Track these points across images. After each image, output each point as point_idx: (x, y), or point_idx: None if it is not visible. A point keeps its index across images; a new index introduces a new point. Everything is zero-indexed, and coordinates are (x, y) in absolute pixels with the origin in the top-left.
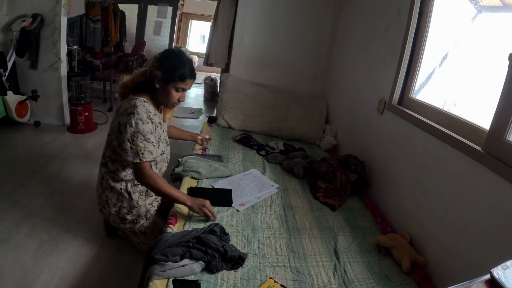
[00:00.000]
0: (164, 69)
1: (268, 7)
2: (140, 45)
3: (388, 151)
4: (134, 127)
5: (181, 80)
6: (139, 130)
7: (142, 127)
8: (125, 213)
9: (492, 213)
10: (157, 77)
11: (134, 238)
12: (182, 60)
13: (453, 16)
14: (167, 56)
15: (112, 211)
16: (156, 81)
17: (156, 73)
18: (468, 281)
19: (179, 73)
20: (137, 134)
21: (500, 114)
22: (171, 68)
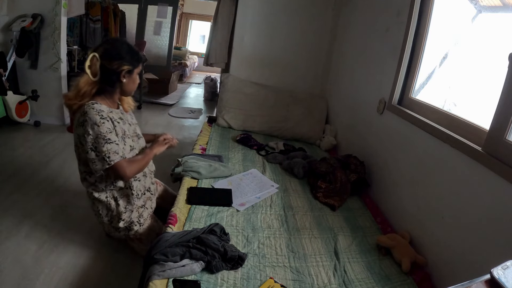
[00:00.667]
0: (128, 60)
1: (268, 7)
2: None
3: (388, 151)
4: (91, 134)
5: (139, 63)
6: (97, 135)
7: (98, 130)
8: (116, 221)
9: (492, 213)
10: (124, 70)
11: (131, 242)
12: (131, 46)
13: (453, 16)
14: (119, 47)
15: (105, 221)
16: (122, 75)
17: (124, 68)
18: (468, 281)
19: (138, 59)
20: (97, 139)
21: (500, 114)
22: (133, 55)
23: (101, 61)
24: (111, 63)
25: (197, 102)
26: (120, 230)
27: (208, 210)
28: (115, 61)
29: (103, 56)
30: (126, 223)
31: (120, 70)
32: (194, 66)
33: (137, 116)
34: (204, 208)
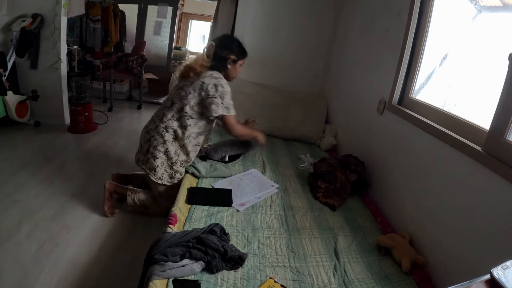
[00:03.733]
0: (235, 52)
1: (268, 7)
2: (140, 45)
3: (388, 151)
4: (224, 87)
5: (244, 57)
6: (228, 91)
7: (227, 88)
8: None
9: (492, 213)
10: (230, 59)
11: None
12: (241, 43)
13: (453, 16)
14: (232, 40)
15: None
16: (229, 63)
17: (231, 56)
18: (468, 281)
19: (243, 53)
20: (226, 93)
21: (500, 114)
22: (240, 49)
23: (215, 49)
24: (225, 51)
25: None
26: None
27: (208, 210)
28: (228, 50)
29: (223, 44)
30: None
31: (227, 58)
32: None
33: (137, 116)
34: (204, 208)
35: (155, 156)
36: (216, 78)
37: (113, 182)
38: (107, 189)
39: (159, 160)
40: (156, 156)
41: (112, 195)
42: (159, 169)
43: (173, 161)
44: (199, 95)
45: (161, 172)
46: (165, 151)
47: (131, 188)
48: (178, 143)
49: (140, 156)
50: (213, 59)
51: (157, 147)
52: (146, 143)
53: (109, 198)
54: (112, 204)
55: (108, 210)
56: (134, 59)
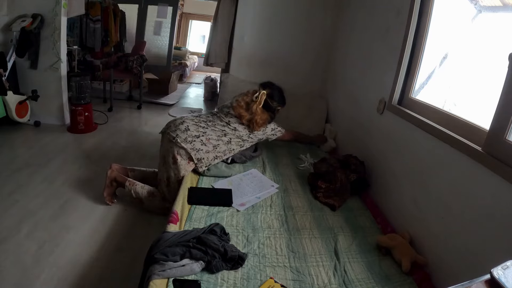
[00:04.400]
0: (284, 103)
1: (268, 7)
2: (140, 45)
3: (388, 151)
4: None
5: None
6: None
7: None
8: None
9: (492, 213)
10: (278, 111)
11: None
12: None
13: (453, 16)
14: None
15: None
16: (277, 112)
17: (279, 107)
18: (468, 281)
19: (284, 102)
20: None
21: (500, 114)
22: (283, 102)
23: (268, 97)
24: (276, 102)
25: (197, 102)
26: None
27: (208, 210)
28: (279, 102)
29: (270, 95)
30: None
31: (278, 109)
32: (194, 66)
33: (137, 116)
34: (204, 208)
35: (203, 143)
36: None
37: (115, 171)
38: (108, 177)
39: (204, 147)
40: (204, 144)
41: (112, 183)
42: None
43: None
44: (261, 138)
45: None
46: (214, 146)
47: (131, 179)
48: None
49: (181, 134)
50: (267, 109)
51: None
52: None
53: (109, 186)
54: (112, 192)
55: (107, 197)
56: (134, 59)
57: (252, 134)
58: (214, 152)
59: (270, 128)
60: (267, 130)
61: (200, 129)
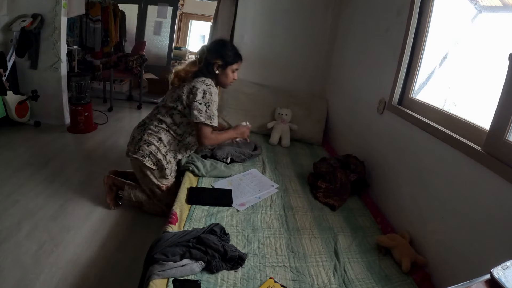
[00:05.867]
0: (224, 56)
1: (268, 7)
2: (140, 45)
3: (388, 151)
4: (212, 96)
5: (236, 62)
6: (215, 100)
7: (216, 99)
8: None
9: (492, 213)
10: (216, 64)
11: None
12: (232, 46)
13: (453, 16)
14: (220, 45)
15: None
16: (216, 68)
17: (217, 61)
18: (468, 281)
19: (234, 57)
20: (213, 102)
21: (500, 114)
22: (230, 54)
23: (206, 53)
24: (212, 55)
25: None
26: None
27: (208, 210)
28: (214, 55)
29: (211, 48)
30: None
31: (213, 63)
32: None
33: (137, 116)
34: (204, 208)
35: (148, 143)
36: (207, 85)
37: (111, 176)
38: (105, 183)
39: (152, 146)
40: (150, 143)
41: (111, 188)
42: (152, 157)
43: (166, 150)
44: (187, 97)
45: (154, 159)
46: (159, 139)
47: (130, 183)
48: (171, 134)
49: (131, 147)
50: (203, 64)
51: (151, 135)
52: (139, 134)
53: (109, 191)
54: (114, 197)
55: (111, 202)
56: (134, 59)
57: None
58: (165, 147)
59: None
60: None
61: (141, 129)
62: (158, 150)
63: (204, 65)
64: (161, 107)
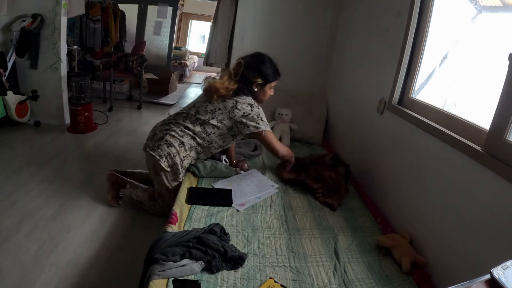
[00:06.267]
0: (264, 74)
1: (268, 7)
2: (140, 45)
3: (388, 151)
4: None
5: (275, 80)
6: (262, 113)
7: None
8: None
9: (492, 213)
10: (256, 83)
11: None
12: (272, 64)
13: (453, 16)
14: (260, 61)
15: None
16: (255, 86)
17: (257, 80)
18: (468, 281)
19: (273, 75)
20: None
21: (500, 114)
22: (268, 72)
23: (244, 67)
24: (249, 72)
25: None
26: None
27: (208, 210)
28: (253, 72)
29: (246, 63)
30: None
31: (253, 81)
32: (194, 66)
33: (137, 116)
34: (204, 208)
35: (169, 144)
36: (251, 102)
37: (114, 173)
38: (108, 180)
39: (173, 149)
40: (171, 144)
41: (114, 185)
42: (170, 159)
43: (185, 154)
44: (231, 112)
45: (170, 162)
46: (181, 143)
47: (132, 181)
48: (196, 141)
49: (150, 143)
50: (240, 80)
51: (174, 137)
52: (161, 132)
53: (111, 189)
54: (115, 194)
55: (112, 200)
56: (134, 59)
57: (211, 105)
58: (185, 151)
59: (243, 99)
60: (229, 104)
61: (165, 127)
62: (177, 153)
63: (243, 82)
64: (192, 115)
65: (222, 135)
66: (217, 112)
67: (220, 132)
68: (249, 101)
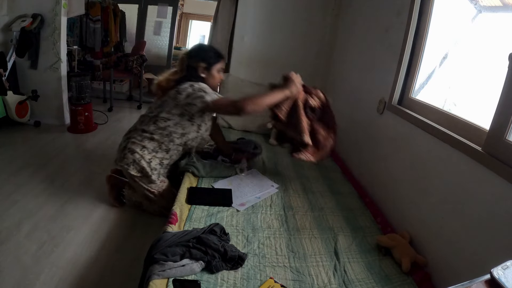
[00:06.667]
0: (206, 58)
1: (268, 7)
2: (140, 45)
3: (388, 151)
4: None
5: (219, 62)
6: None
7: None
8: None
9: (492, 213)
10: (201, 67)
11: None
12: (212, 47)
13: (453, 16)
14: (200, 49)
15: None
16: (201, 71)
17: (200, 64)
18: (468, 281)
19: (216, 57)
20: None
21: (500, 114)
22: (209, 55)
23: (187, 60)
24: (194, 60)
25: None
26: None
27: (208, 210)
28: (196, 59)
29: (192, 54)
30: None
31: (197, 67)
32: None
33: (137, 116)
34: (204, 208)
35: (132, 151)
36: (191, 83)
37: (113, 175)
38: (107, 182)
39: (136, 154)
40: (133, 151)
41: (113, 187)
42: (136, 165)
43: (150, 157)
44: (175, 99)
45: (138, 167)
46: (142, 147)
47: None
48: (155, 140)
49: (117, 155)
50: (186, 71)
51: (134, 143)
52: (124, 141)
53: (111, 190)
54: (116, 195)
55: (114, 201)
56: (134, 59)
57: (159, 100)
58: (149, 154)
59: (177, 89)
60: (172, 93)
61: (127, 137)
62: (141, 157)
63: (187, 71)
64: (145, 116)
65: (178, 123)
66: (164, 104)
67: (174, 121)
68: (190, 83)
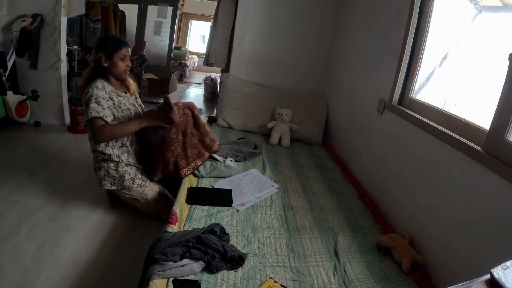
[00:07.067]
0: (104, 49)
1: (268, 7)
2: (140, 45)
3: (388, 151)
4: (90, 92)
5: (120, 49)
6: (93, 95)
7: (95, 92)
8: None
9: (492, 213)
10: (102, 58)
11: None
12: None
13: (453, 16)
14: (100, 40)
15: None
16: (103, 62)
17: (100, 55)
18: (468, 281)
19: (116, 45)
20: (91, 97)
21: (500, 114)
22: (107, 44)
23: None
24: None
25: (197, 102)
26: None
27: (208, 210)
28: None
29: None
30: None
31: (99, 58)
32: (194, 66)
33: None
34: (204, 208)
35: (99, 168)
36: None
37: None
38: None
39: (102, 169)
40: (100, 167)
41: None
42: (108, 178)
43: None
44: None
45: (109, 180)
46: (103, 160)
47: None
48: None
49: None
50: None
51: (96, 159)
52: (93, 163)
53: (108, 193)
54: (112, 198)
55: (111, 204)
56: (134, 59)
57: None
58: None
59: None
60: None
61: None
62: (107, 168)
63: (94, 64)
64: None
65: None
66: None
67: None
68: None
